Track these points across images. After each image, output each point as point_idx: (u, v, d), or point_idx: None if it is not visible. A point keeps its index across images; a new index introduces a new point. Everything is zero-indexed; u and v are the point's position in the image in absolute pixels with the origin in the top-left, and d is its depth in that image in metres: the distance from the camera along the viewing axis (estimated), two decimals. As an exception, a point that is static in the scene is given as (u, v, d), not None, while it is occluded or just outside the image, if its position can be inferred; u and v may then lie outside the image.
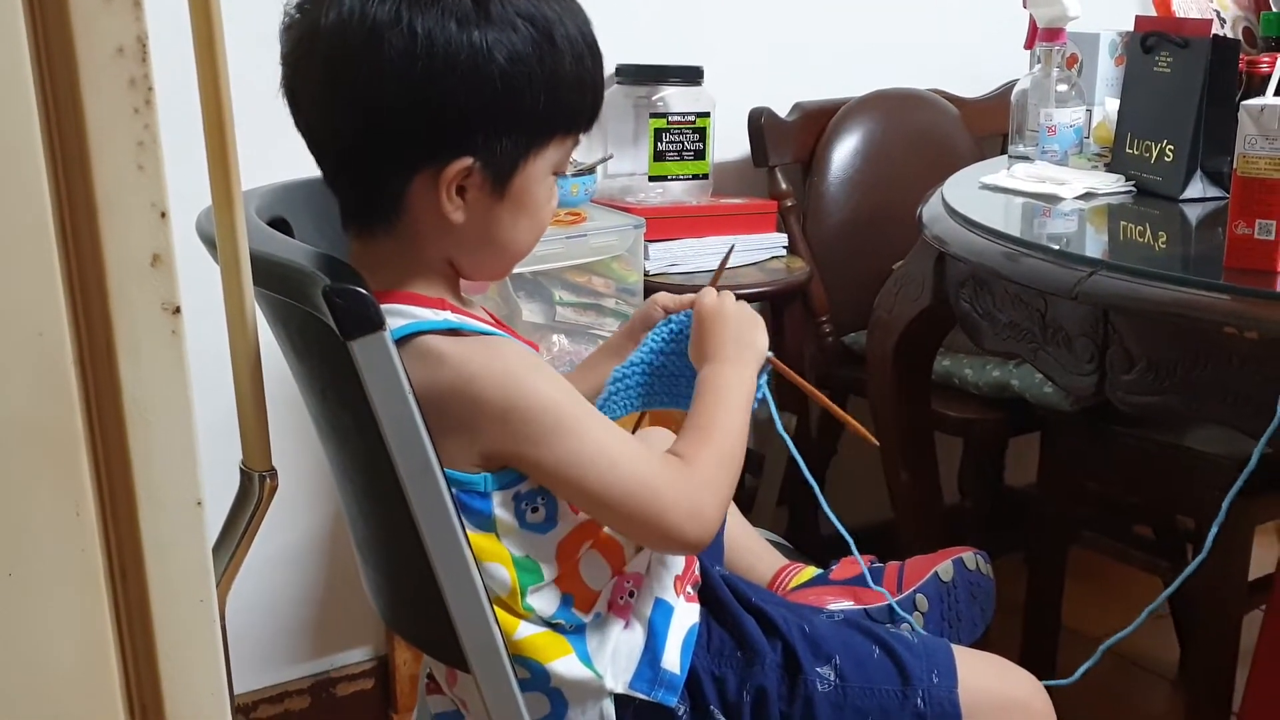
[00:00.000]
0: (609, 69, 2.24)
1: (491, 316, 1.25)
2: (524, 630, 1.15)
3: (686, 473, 1.14)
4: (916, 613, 1.40)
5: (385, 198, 1.12)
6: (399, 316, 1.09)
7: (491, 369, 1.08)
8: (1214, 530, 1.39)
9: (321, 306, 0.91)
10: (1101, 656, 1.46)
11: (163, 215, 0.63)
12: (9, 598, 0.62)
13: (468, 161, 1.07)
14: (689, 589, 1.26)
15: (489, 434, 1.08)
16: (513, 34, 1.05)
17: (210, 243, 0.94)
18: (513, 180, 1.11)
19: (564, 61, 1.08)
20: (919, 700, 1.23)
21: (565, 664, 1.16)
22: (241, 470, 0.96)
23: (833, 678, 1.23)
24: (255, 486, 0.95)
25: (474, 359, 1.08)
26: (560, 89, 1.09)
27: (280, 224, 1.17)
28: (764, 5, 2.45)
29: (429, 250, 1.14)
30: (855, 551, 1.44)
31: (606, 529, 1.20)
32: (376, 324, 0.93)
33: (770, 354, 1.30)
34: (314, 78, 1.09)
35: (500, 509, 1.12)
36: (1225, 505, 1.38)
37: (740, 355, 1.26)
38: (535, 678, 1.16)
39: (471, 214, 1.11)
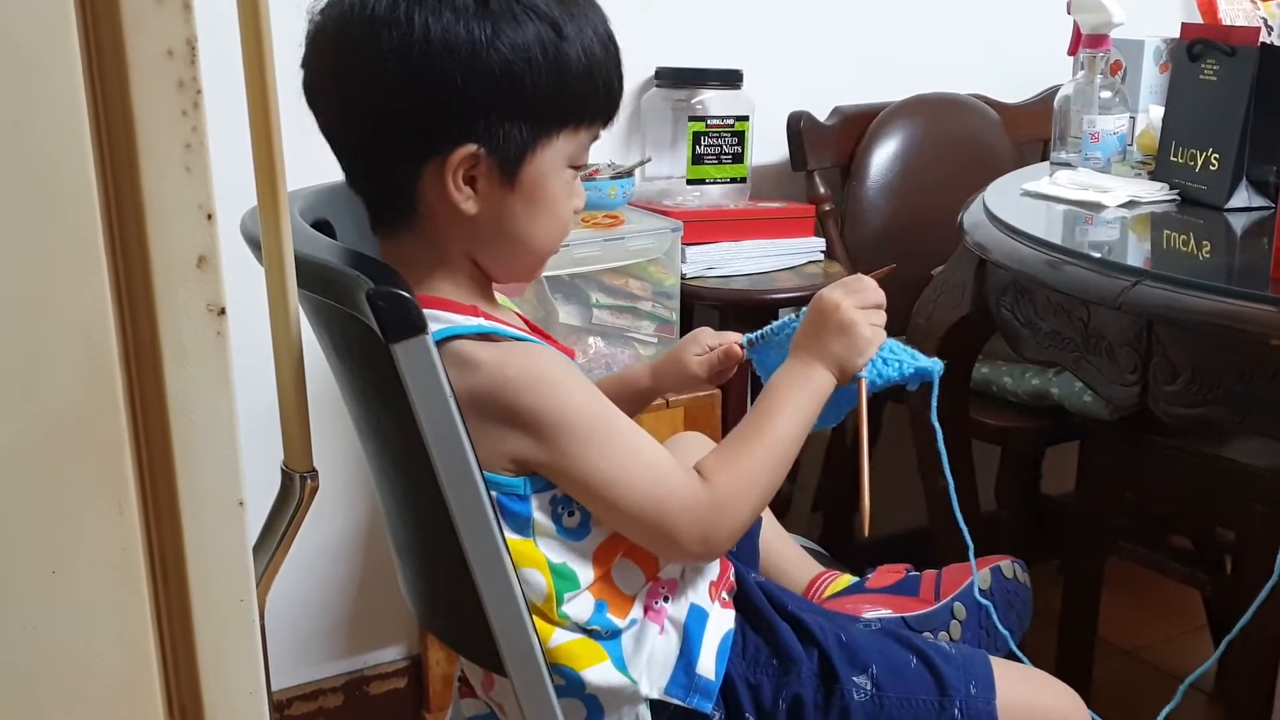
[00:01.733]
0: (648, 72, 2.25)
1: (526, 322, 1.26)
2: (559, 638, 1.15)
3: (705, 496, 1.14)
4: (954, 621, 1.39)
5: (400, 193, 1.13)
6: (434, 321, 1.09)
7: (525, 375, 1.09)
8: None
9: (364, 309, 0.92)
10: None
11: (209, 217, 0.63)
12: (52, 595, 0.63)
13: (472, 148, 1.08)
14: (724, 595, 1.26)
15: (518, 439, 1.09)
16: (513, 23, 1.06)
17: (255, 244, 0.94)
18: (522, 170, 1.11)
19: (571, 51, 1.09)
20: (956, 711, 1.23)
21: (600, 671, 1.16)
22: (283, 471, 0.96)
23: (869, 687, 1.23)
24: (296, 487, 0.95)
25: (508, 364, 1.09)
26: (567, 78, 1.09)
27: (323, 226, 1.17)
28: (803, 8, 2.44)
29: (451, 248, 1.15)
30: (971, 557, 1.43)
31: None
32: (419, 327, 0.93)
33: (863, 377, 1.26)
34: (325, 76, 1.12)
35: (538, 512, 1.13)
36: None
37: (831, 356, 1.25)
38: (570, 685, 1.16)
39: (485, 205, 1.12)
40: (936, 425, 1.30)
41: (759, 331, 1.39)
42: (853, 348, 1.25)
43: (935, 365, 1.28)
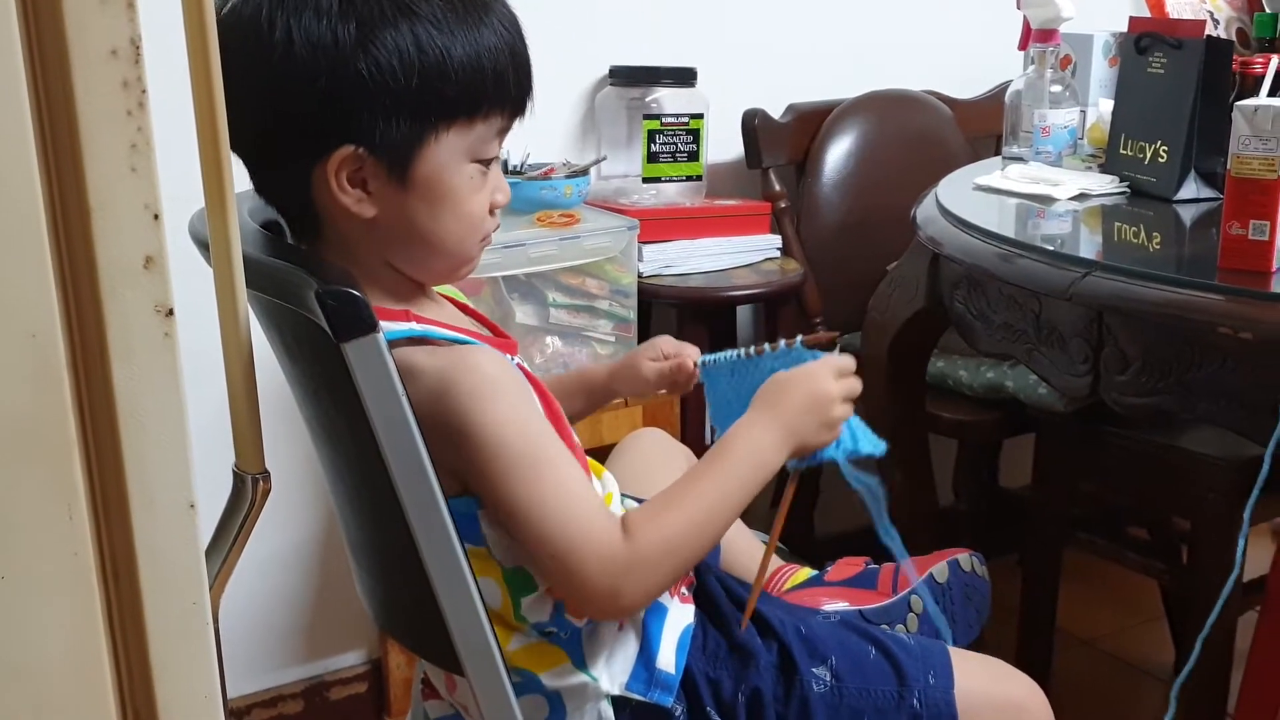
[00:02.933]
0: (602, 70, 2.25)
1: (466, 310, 1.25)
2: (517, 642, 1.15)
3: (624, 551, 1.09)
4: (912, 614, 1.40)
5: (296, 200, 1.12)
6: None
7: (460, 388, 1.07)
8: (1242, 543, 1.38)
9: (314, 308, 0.91)
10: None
11: (156, 217, 0.63)
12: (2, 600, 0.62)
13: (349, 149, 1.07)
14: (683, 590, 1.26)
15: (451, 451, 1.06)
16: (381, 20, 1.05)
17: (203, 245, 0.94)
18: (413, 167, 1.09)
19: (454, 43, 1.07)
20: (915, 701, 1.23)
21: (560, 671, 1.17)
22: (234, 472, 0.95)
23: (828, 678, 1.23)
24: (248, 488, 0.95)
25: (444, 375, 1.07)
26: (449, 73, 1.07)
27: (273, 227, 1.17)
28: (757, 6, 2.45)
29: (363, 253, 1.13)
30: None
31: None
32: (370, 326, 0.93)
33: (802, 467, 1.22)
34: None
35: (488, 527, 1.12)
36: (1247, 514, 1.37)
37: (795, 432, 1.19)
38: (530, 682, 1.16)
39: (382, 207, 1.10)
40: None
41: (715, 355, 1.34)
42: (820, 436, 1.20)
43: (879, 447, 1.24)
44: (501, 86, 1.12)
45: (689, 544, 1.13)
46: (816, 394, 1.20)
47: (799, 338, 1.25)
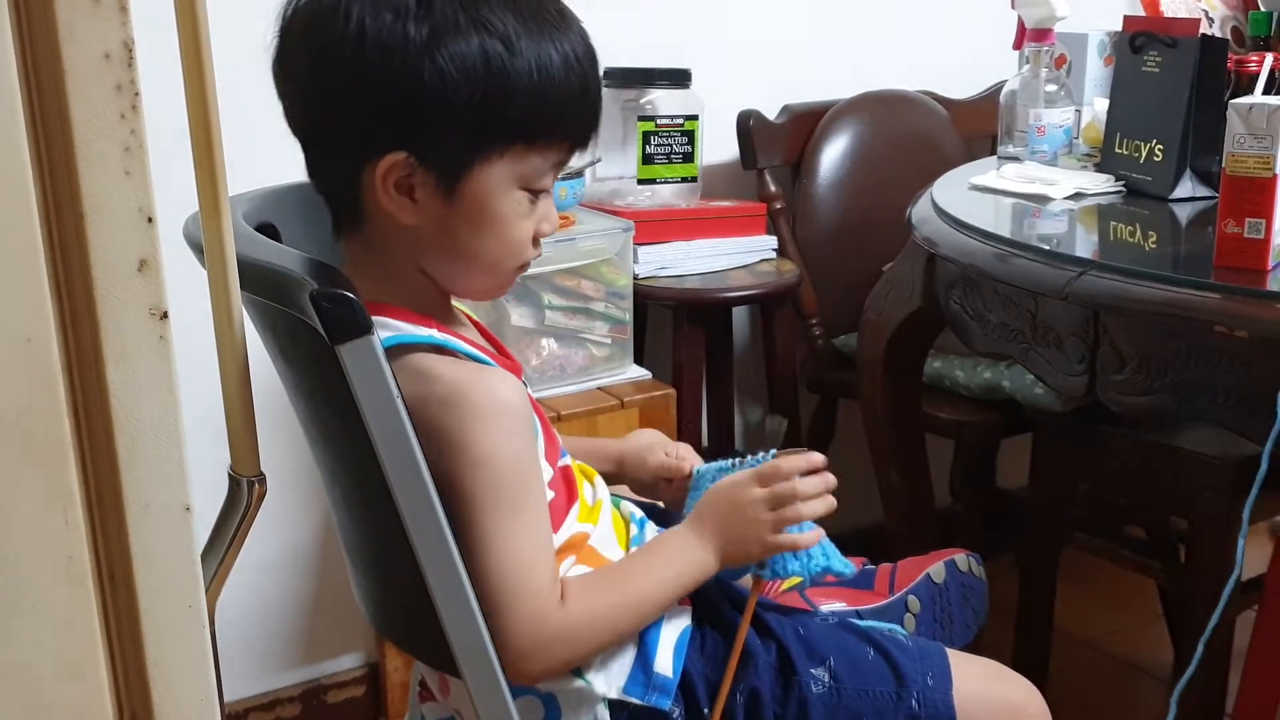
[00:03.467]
0: (597, 72, 2.25)
1: (482, 331, 1.25)
2: None
3: (556, 617, 1.09)
4: (909, 614, 1.40)
5: (344, 194, 1.12)
6: (382, 328, 1.08)
7: (473, 403, 1.06)
8: (1241, 542, 1.38)
9: (309, 311, 0.91)
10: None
11: (150, 220, 0.63)
12: (-2, 605, 0.62)
13: (401, 156, 1.06)
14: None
15: (439, 455, 1.06)
16: (455, 32, 1.04)
17: (198, 248, 0.94)
18: (462, 185, 1.09)
19: (522, 68, 1.06)
20: (913, 702, 1.23)
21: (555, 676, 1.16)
22: (230, 475, 0.95)
23: (827, 679, 1.23)
24: (244, 492, 0.95)
25: (461, 387, 1.07)
26: (512, 95, 1.06)
27: (268, 229, 1.17)
28: (751, 7, 2.45)
29: (399, 256, 1.13)
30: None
31: (591, 542, 1.20)
32: (364, 328, 0.93)
33: (763, 575, 1.22)
34: (280, 62, 1.11)
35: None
36: (1246, 513, 1.37)
37: (720, 539, 1.19)
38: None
39: (425, 217, 1.10)
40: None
41: (707, 465, 1.33)
42: (745, 545, 1.20)
43: (848, 568, 1.25)
44: (565, 119, 1.11)
45: (617, 625, 1.14)
46: (736, 501, 1.20)
47: (773, 451, 1.24)
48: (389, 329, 1.08)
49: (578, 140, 1.14)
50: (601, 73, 1.15)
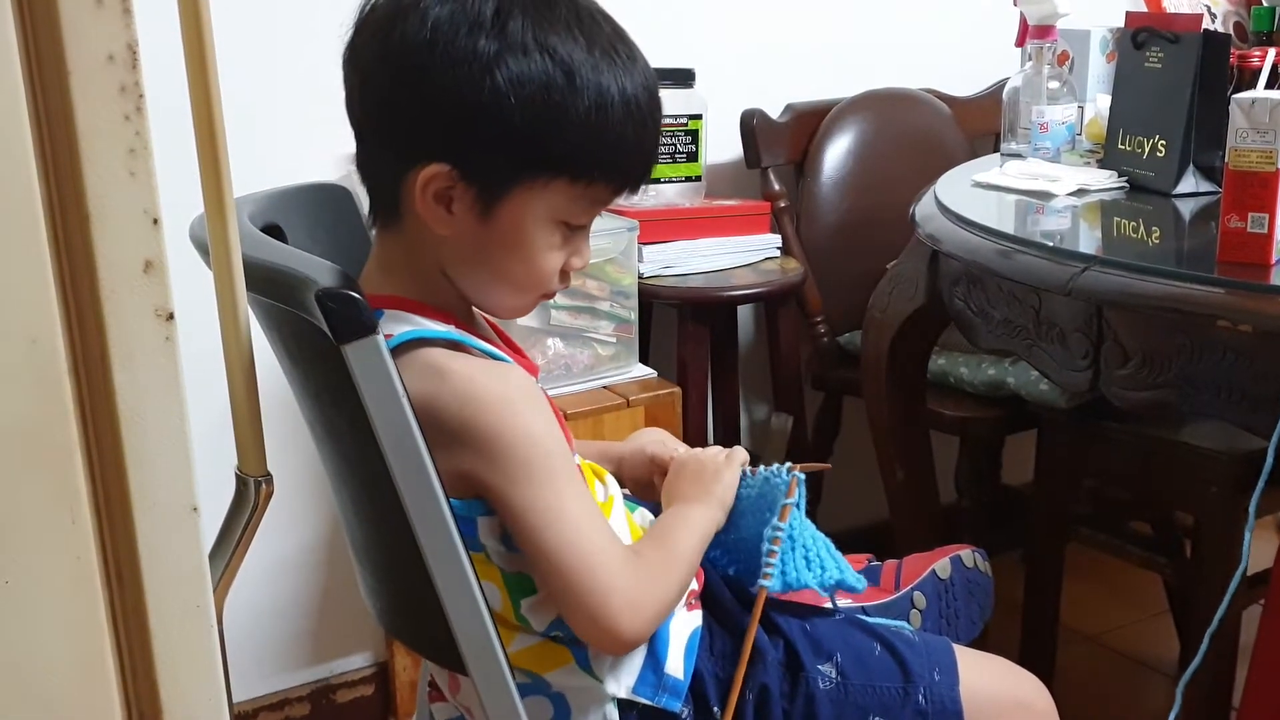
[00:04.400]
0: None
1: (498, 332, 1.25)
2: (520, 642, 1.15)
3: (639, 565, 1.11)
4: (914, 610, 1.40)
5: (387, 192, 1.12)
6: (402, 322, 1.09)
7: (490, 394, 1.07)
8: (1247, 537, 1.38)
9: (314, 311, 0.91)
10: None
11: (155, 222, 0.63)
12: (5, 606, 0.62)
13: (445, 168, 1.06)
14: (690, 599, 1.26)
15: (471, 457, 1.06)
16: (521, 55, 1.03)
17: (203, 249, 0.94)
18: (500, 206, 1.08)
19: (579, 102, 1.05)
20: (920, 697, 1.23)
21: (565, 672, 1.16)
22: (237, 475, 0.96)
23: (834, 675, 1.23)
24: (251, 492, 0.95)
25: (475, 380, 1.07)
26: (565, 127, 1.05)
27: (273, 230, 1.17)
28: (755, 6, 2.45)
29: (427, 258, 1.13)
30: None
31: None
32: (369, 328, 0.93)
33: (765, 586, 1.24)
34: (352, 46, 1.11)
35: (486, 537, 1.12)
36: (1252, 508, 1.37)
37: (720, 493, 1.26)
38: (535, 683, 1.16)
39: (458, 231, 1.09)
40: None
41: None
42: (721, 489, 1.26)
43: (860, 583, 1.26)
44: (615, 161, 1.10)
45: (682, 574, 1.17)
46: (697, 459, 1.29)
47: (788, 464, 1.27)
48: (408, 323, 1.09)
49: (624, 184, 1.13)
50: (661, 118, 1.14)
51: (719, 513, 1.25)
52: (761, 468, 1.28)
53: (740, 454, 1.28)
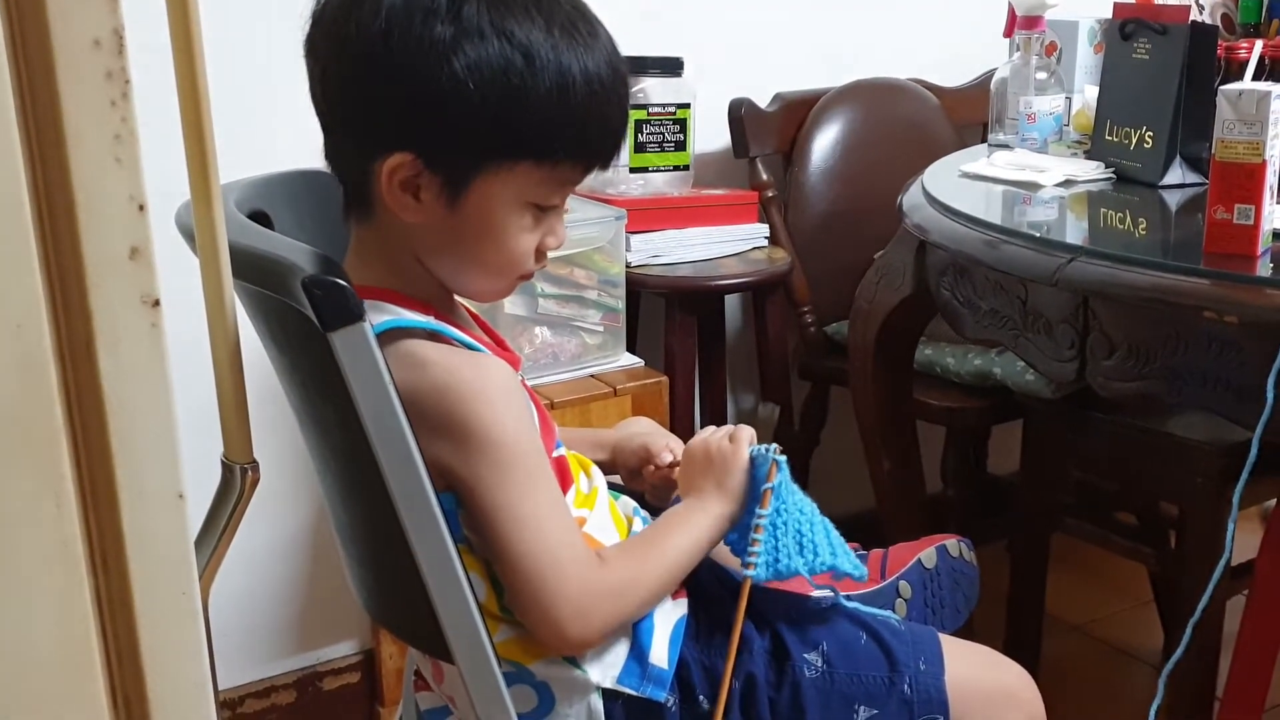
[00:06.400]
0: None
1: (485, 328, 1.25)
2: (505, 633, 1.15)
3: (599, 575, 1.11)
4: (900, 599, 1.40)
5: (355, 183, 1.12)
6: (380, 313, 1.08)
7: (466, 385, 1.07)
8: (1231, 527, 1.39)
9: (301, 298, 0.91)
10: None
11: (141, 208, 0.63)
12: (-9, 592, 0.62)
13: (408, 157, 1.06)
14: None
15: (445, 446, 1.06)
16: (478, 40, 1.02)
17: (189, 235, 0.94)
18: (467, 192, 1.08)
19: (540, 83, 1.04)
20: (906, 687, 1.24)
21: (549, 662, 1.16)
22: (223, 463, 0.96)
23: (820, 664, 1.24)
24: (237, 479, 0.95)
25: (453, 370, 1.07)
26: (528, 111, 1.05)
27: (260, 217, 1.17)
28: (743, -5, 2.45)
29: (402, 247, 1.13)
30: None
31: (587, 528, 1.20)
32: (356, 315, 0.93)
33: (749, 575, 1.22)
34: (310, 39, 1.10)
35: (468, 529, 1.12)
36: (1236, 499, 1.38)
37: (707, 491, 1.24)
38: (520, 672, 1.16)
39: (427, 218, 1.09)
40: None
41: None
42: (731, 478, 1.23)
43: (858, 570, 1.26)
44: (581, 140, 1.09)
45: (654, 583, 1.16)
46: (705, 447, 1.25)
47: (774, 445, 1.26)
48: (386, 313, 1.08)
49: (593, 162, 1.12)
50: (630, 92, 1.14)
51: (730, 506, 1.23)
52: (750, 447, 1.27)
53: (746, 433, 1.27)
